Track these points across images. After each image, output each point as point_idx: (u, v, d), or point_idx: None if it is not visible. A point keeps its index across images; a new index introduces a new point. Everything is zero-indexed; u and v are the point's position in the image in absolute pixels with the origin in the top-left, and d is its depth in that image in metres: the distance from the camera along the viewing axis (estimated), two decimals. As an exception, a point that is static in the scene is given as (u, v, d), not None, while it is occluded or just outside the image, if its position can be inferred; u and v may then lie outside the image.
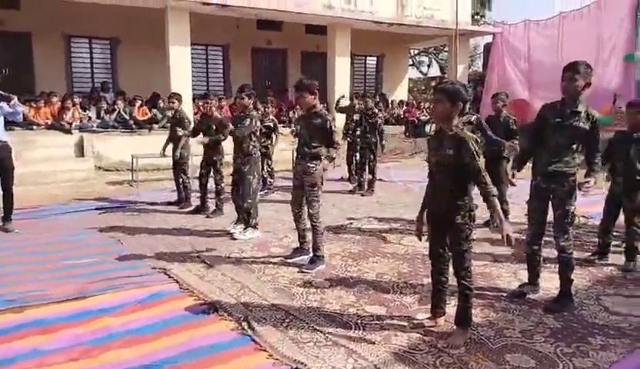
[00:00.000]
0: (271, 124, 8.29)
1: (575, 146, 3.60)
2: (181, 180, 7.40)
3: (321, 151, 4.55)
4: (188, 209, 7.16)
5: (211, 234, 5.83)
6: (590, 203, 6.00)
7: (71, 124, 10.69)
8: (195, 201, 7.20)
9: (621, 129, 4.90)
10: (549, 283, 3.99)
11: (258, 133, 5.85)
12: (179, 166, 7.33)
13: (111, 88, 13.63)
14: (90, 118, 11.35)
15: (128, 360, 2.93)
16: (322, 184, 4.64)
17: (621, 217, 4.69)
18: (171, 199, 7.66)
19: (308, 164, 4.56)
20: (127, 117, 11.44)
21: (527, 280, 3.99)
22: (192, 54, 12.62)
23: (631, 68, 12.87)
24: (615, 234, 4.84)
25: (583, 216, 6.03)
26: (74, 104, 11.02)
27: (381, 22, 14.53)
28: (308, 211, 4.63)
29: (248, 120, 5.65)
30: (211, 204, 6.89)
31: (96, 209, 7.16)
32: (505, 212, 5.96)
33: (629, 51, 12.92)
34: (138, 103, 11.86)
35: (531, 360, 2.93)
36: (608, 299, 3.84)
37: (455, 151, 3.00)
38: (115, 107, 11.65)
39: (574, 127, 3.57)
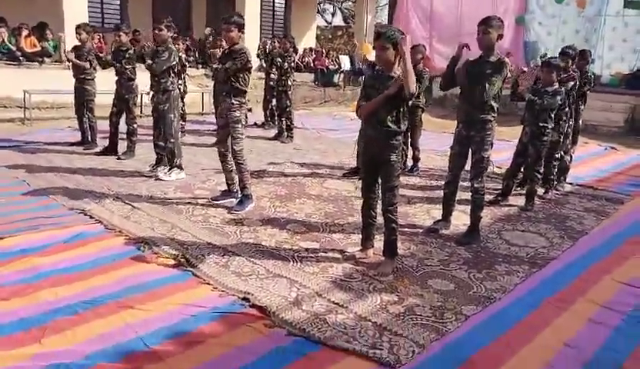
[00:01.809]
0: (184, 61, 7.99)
1: (490, 95, 3.92)
2: (86, 119, 6.91)
3: (242, 88, 4.53)
4: (94, 150, 6.74)
5: (125, 175, 5.60)
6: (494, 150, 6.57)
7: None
8: (101, 143, 6.80)
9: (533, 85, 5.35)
10: (457, 220, 4.43)
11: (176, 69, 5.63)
12: (86, 104, 6.82)
13: (-12, 13, 12.01)
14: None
15: (66, 298, 2.83)
16: (245, 122, 4.64)
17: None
18: (73, 139, 7.16)
19: (232, 102, 4.52)
20: (13, 47, 10.22)
21: (439, 218, 4.40)
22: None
23: (521, 31, 13.98)
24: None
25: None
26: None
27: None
28: (232, 148, 4.58)
29: (167, 53, 5.41)
30: (122, 146, 6.55)
31: (-14, 148, 6.50)
32: (416, 158, 6.42)
33: (519, 14, 13.99)
34: (25, 32, 10.60)
35: (450, 284, 3.31)
36: (507, 233, 4.38)
37: (398, 89, 3.23)
38: (-3, 35, 10.33)
39: (487, 75, 3.87)
